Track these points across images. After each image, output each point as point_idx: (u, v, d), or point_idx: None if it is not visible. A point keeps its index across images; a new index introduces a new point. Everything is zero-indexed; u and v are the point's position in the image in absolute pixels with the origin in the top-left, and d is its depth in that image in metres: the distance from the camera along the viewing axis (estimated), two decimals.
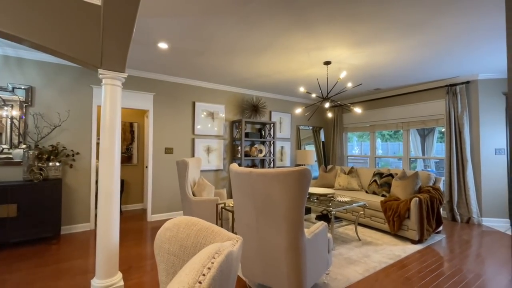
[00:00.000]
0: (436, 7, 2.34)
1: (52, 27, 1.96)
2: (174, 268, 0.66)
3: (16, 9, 1.86)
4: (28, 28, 1.88)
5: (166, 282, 0.66)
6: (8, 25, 1.82)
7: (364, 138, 7.40)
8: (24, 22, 1.87)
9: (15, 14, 1.84)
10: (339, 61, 3.73)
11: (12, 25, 1.83)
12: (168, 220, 0.72)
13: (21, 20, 1.86)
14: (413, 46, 3.20)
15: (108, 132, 2.25)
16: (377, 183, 4.32)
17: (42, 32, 1.93)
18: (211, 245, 0.48)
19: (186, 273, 0.34)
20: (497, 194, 4.25)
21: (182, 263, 0.66)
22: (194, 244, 0.65)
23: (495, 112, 4.30)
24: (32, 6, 1.90)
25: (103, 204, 2.22)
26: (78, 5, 2.09)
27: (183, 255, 0.65)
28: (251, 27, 2.77)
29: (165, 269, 0.67)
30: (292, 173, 1.79)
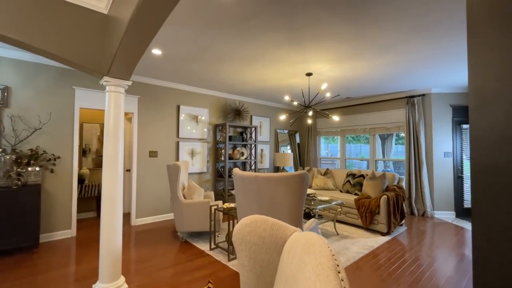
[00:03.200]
0: (405, 35, 2.81)
1: (59, 34, 1.98)
2: (255, 254, 0.86)
3: (27, 17, 1.85)
4: (36, 35, 1.88)
5: (248, 265, 0.86)
6: (20, 33, 1.81)
7: (330, 140, 7.99)
8: (33, 29, 1.87)
9: (23, 21, 1.84)
10: (319, 73, 4.12)
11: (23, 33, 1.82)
12: (243, 218, 0.92)
13: (30, 27, 1.86)
14: (383, 64, 3.70)
15: (112, 138, 2.30)
16: (350, 183, 4.81)
17: (48, 38, 1.94)
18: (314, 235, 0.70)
19: (317, 258, 0.56)
20: (446, 191, 5.01)
21: (261, 250, 0.86)
22: (270, 235, 0.86)
23: (444, 121, 5.07)
24: (42, 15, 1.91)
25: (107, 209, 2.26)
26: (86, 14, 2.12)
27: (262, 244, 0.85)
28: (246, 40, 2.98)
29: (247, 256, 0.86)
30: (295, 177, 2.05)
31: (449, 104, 5.09)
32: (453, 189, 5.02)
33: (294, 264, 0.60)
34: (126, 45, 1.86)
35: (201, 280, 2.51)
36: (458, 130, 5.07)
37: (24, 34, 1.84)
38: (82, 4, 2.11)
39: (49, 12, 1.95)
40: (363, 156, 7.24)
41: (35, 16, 1.89)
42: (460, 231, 4.18)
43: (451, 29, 2.67)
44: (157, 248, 3.33)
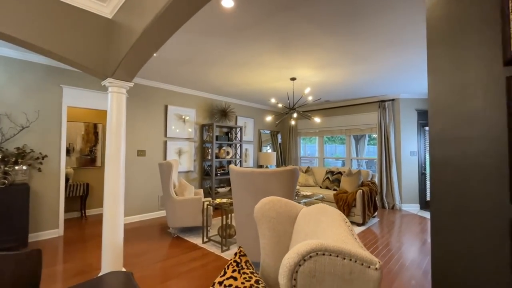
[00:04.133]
0: (378, 48, 3.21)
1: (65, 36, 2.09)
2: (274, 226, 1.10)
3: (36, 20, 1.94)
4: (44, 37, 1.98)
5: (269, 235, 1.10)
6: (30, 35, 1.90)
7: (307, 141, 8.45)
8: (42, 32, 1.96)
9: (36, 25, 1.93)
10: (303, 78, 4.46)
11: (32, 35, 1.91)
12: (263, 199, 1.16)
13: (39, 30, 1.95)
14: (360, 71, 4.13)
15: (115, 137, 2.42)
16: (329, 180, 5.22)
17: (55, 40, 2.03)
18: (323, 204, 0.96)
19: (330, 216, 0.82)
20: (411, 186, 5.61)
21: (278, 222, 1.10)
22: (285, 210, 1.11)
23: (410, 124, 5.67)
24: (49, 18, 2.01)
25: (110, 205, 2.38)
26: (91, 18, 2.24)
27: (279, 217, 1.10)
28: (238, 47, 3.22)
29: (267, 227, 1.10)
30: (286, 172, 2.33)
31: (415, 108, 5.70)
32: (418, 184, 5.63)
33: (312, 223, 0.86)
34: (136, 51, 2.01)
35: (198, 270, 2.70)
36: (422, 131, 5.70)
37: (33, 36, 1.93)
38: (87, 9, 2.22)
39: (56, 15, 2.05)
40: (338, 156, 7.77)
41: (43, 19, 1.98)
42: (423, 220, 4.74)
43: (417, 44, 3.11)
44: (150, 243, 3.44)
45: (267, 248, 1.11)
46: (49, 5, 2.02)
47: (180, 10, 1.57)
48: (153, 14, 1.66)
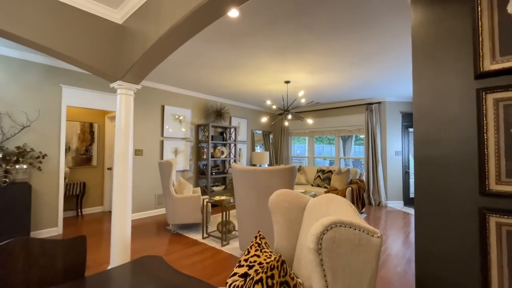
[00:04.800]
0: (367, 56, 3.48)
1: (78, 40, 2.20)
2: (286, 214, 1.29)
3: (56, 27, 2.04)
4: (61, 43, 2.08)
5: (282, 222, 1.28)
6: (50, 41, 2.00)
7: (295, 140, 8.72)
8: (60, 37, 2.07)
9: (55, 31, 2.03)
10: (296, 81, 4.69)
11: (53, 41, 2.01)
12: (276, 191, 1.34)
13: (58, 36, 2.06)
14: (349, 76, 4.40)
15: (124, 136, 2.54)
16: (320, 178, 5.48)
17: (70, 45, 2.14)
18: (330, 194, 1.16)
19: (343, 211, 1.02)
20: (396, 184, 5.97)
21: (290, 211, 1.29)
22: (296, 201, 1.30)
23: (395, 125, 6.03)
24: (65, 24, 2.11)
25: (119, 201, 2.50)
26: (102, 23, 2.35)
27: (291, 206, 1.29)
28: (237, 52, 3.39)
29: (281, 215, 1.29)
30: (286, 169, 2.53)
31: (399, 111, 6.07)
32: (402, 182, 6.00)
33: (323, 208, 1.06)
34: (149, 57, 2.15)
35: (202, 262, 2.86)
36: (406, 133, 6.07)
37: (52, 41, 2.03)
38: (99, 15, 2.33)
39: (71, 21, 2.15)
40: (326, 155, 8.08)
41: (61, 25, 2.09)
42: (407, 216, 5.09)
43: (401, 54, 3.40)
44: (151, 240, 3.55)
45: (280, 233, 1.29)
46: (65, 11, 2.12)
47: (197, 21, 1.73)
48: (170, 24, 1.81)
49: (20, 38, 1.91)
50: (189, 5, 1.64)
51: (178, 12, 1.74)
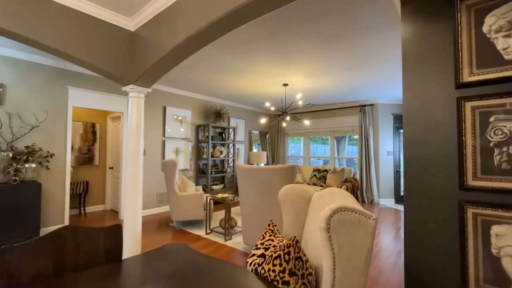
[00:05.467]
0: (361, 61, 3.71)
1: (94, 46, 2.35)
2: (294, 205, 1.48)
3: (74, 34, 2.20)
4: (79, 49, 2.24)
5: (291, 212, 1.48)
6: (70, 48, 2.15)
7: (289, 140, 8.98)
8: (78, 44, 2.22)
9: (73, 38, 2.18)
10: (294, 84, 4.90)
11: (66, 46, 2.16)
12: (285, 186, 1.54)
13: (76, 42, 2.21)
14: (344, 80, 4.63)
15: (135, 137, 2.70)
16: (316, 177, 5.72)
17: (87, 50, 2.30)
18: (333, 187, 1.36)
19: (345, 200, 1.22)
20: (388, 182, 6.26)
21: (297, 202, 1.49)
22: (302, 194, 1.50)
23: (387, 126, 6.31)
24: (82, 31, 2.26)
25: (131, 197, 2.66)
26: (116, 30, 2.51)
27: (298, 199, 1.48)
28: (240, 57, 3.57)
29: (290, 206, 1.48)
30: (287, 168, 2.74)
31: (391, 112, 6.36)
32: (393, 181, 6.29)
33: (327, 199, 1.26)
34: (161, 64, 2.32)
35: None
36: (397, 133, 6.37)
37: (71, 47, 2.18)
38: (114, 23, 2.49)
39: (88, 28, 2.31)
40: (319, 155, 8.34)
41: (79, 32, 2.24)
42: (397, 212, 5.37)
43: (392, 60, 3.65)
44: (156, 236, 3.71)
45: (289, 222, 1.49)
46: (84, 20, 2.27)
47: (211, 33, 1.91)
48: (185, 36, 1.99)
49: (48, 47, 2.05)
50: (204, 20, 1.83)
51: (193, 25, 1.92)
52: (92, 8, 2.30)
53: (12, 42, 3.15)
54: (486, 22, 1.70)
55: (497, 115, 1.64)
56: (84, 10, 2.27)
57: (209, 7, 1.79)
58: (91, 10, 2.30)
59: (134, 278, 1.09)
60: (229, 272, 1.11)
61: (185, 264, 1.21)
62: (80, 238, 1.22)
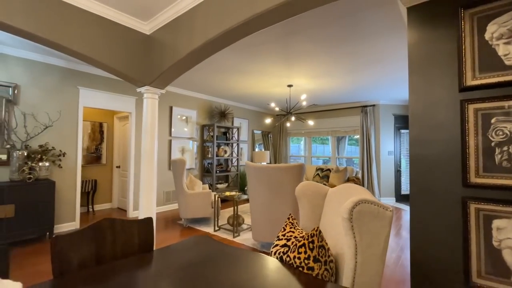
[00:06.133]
0: (364, 64, 3.83)
1: (112, 49, 2.45)
2: (310, 200, 1.59)
3: (96, 39, 2.29)
4: (101, 54, 2.33)
5: (307, 207, 1.59)
6: (90, 51, 2.25)
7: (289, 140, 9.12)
8: (98, 48, 2.32)
9: (95, 42, 2.28)
10: (298, 85, 5.01)
11: (91, 50, 2.26)
12: (302, 182, 1.65)
13: (96, 46, 2.31)
14: (347, 81, 4.75)
15: (150, 136, 2.80)
16: (319, 176, 5.83)
17: (105, 53, 2.39)
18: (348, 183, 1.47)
19: (355, 188, 1.33)
20: (389, 181, 6.39)
21: (313, 198, 1.60)
22: (317, 190, 1.60)
23: (388, 127, 6.44)
24: (102, 34, 2.36)
25: (146, 194, 2.76)
26: (132, 34, 2.61)
27: (314, 194, 1.59)
28: (247, 59, 3.68)
29: (306, 201, 1.59)
30: (296, 167, 2.84)
31: (392, 113, 6.48)
32: (394, 180, 6.42)
33: (343, 194, 1.37)
34: (178, 66, 2.42)
35: None
36: (398, 134, 6.50)
37: (93, 51, 2.28)
38: (131, 26, 2.58)
39: (107, 33, 2.40)
40: (319, 155, 8.47)
41: (100, 37, 2.33)
42: (399, 211, 5.50)
43: (394, 62, 3.77)
44: (166, 232, 3.81)
45: (306, 216, 1.60)
46: (102, 24, 2.36)
47: (229, 38, 2.02)
48: (203, 41, 2.09)
49: (70, 50, 2.15)
50: (222, 26, 1.93)
51: (211, 30, 2.02)
52: (112, 13, 2.40)
53: (25, 43, 3.23)
54: (488, 30, 1.82)
55: (498, 116, 1.76)
56: (104, 15, 2.36)
57: (227, 14, 1.90)
58: (110, 15, 2.40)
59: (169, 266, 1.20)
60: (256, 260, 1.22)
61: (214, 253, 1.32)
62: (117, 230, 1.33)
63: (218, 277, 1.04)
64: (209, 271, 1.10)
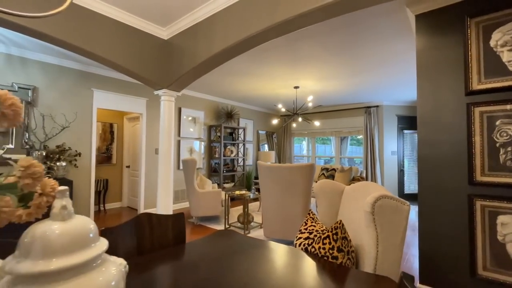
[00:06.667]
0: (370, 66, 3.95)
1: (133, 54, 2.57)
2: (328, 197, 1.71)
3: (118, 44, 2.41)
4: (124, 59, 2.45)
5: (325, 203, 1.71)
6: (113, 56, 2.37)
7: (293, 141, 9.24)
8: (120, 53, 2.44)
9: (116, 48, 2.40)
10: (305, 86, 5.13)
11: (113, 55, 2.38)
12: (320, 181, 1.76)
13: (118, 51, 2.42)
14: (352, 83, 4.87)
15: (167, 136, 2.92)
16: (324, 175, 5.95)
17: (129, 59, 2.51)
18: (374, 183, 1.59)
19: (373, 186, 1.45)
20: (392, 180, 6.50)
21: (331, 195, 1.71)
22: (334, 187, 1.72)
23: (391, 127, 6.56)
24: (123, 41, 2.48)
25: (163, 193, 2.88)
26: (151, 39, 2.73)
27: (331, 191, 1.71)
28: (256, 62, 3.80)
29: (324, 198, 1.71)
30: (307, 166, 2.96)
31: (395, 114, 6.60)
32: (397, 179, 6.54)
33: (360, 191, 1.49)
34: (197, 70, 2.54)
35: None
36: (401, 134, 6.61)
37: (115, 56, 2.40)
38: (150, 32, 2.70)
39: (128, 38, 2.52)
40: (320, 155, 8.59)
41: (122, 43, 2.45)
42: None
43: (398, 65, 3.89)
44: None
45: (323, 212, 1.72)
46: (123, 30, 2.48)
47: (248, 45, 2.14)
48: (222, 47, 2.21)
49: (95, 55, 2.27)
50: (242, 34, 2.05)
51: (231, 37, 2.14)
52: (134, 20, 2.52)
53: (43, 46, 3.34)
54: (493, 37, 1.94)
55: (502, 119, 1.89)
56: (127, 22, 2.48)
57: (248, 23, 2.01)
58: (132, 22, 2.52)
59: (203, 256, 1.31)
60: (284, 250, 1.34)
61: (242, 245, 1.44)
62: (154, 224, 1.44)
63: (252, 265, 1.15)
64: (242, 260, 1.21)
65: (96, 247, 0.54)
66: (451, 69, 2.11)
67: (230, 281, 1.00)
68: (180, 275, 1.09)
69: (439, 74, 2.16)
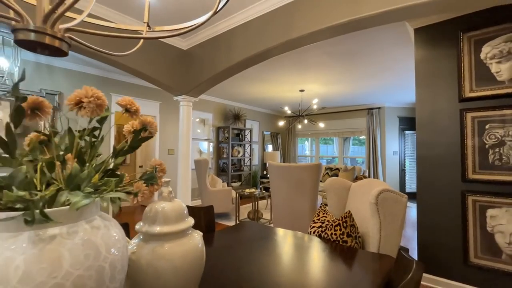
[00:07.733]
0: (372, 71, 4.19)
1: (156, 63, 2.82)
2: (337, 192, 1.95)
3: (143, 54, 2.66)
4: (148, 68, 2.71)
5: (334, 198, 1.95)
6: (139, 66, 2.62)
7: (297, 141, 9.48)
8: (146, 64, 2.69)
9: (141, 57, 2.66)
10: (310, 90, 5.37)
11: (140, 65, 2.63)
12: (329, 178, 2.01)
13: (143, 62, 2.68)
14: (355, 86, 5.11)
15: (185, 138, 3.17)
16: (329, 175, 6.19)
17: (153, 68, 2.77)
18: (378, 180, 1.83)
19: (377, 182, 1.69)
20: (394, 180, 6.72)
21: (339, 190, 1.95)
22: (342, 184, 1.96)
23: (393, 128, 6.78)
24: (150, 53, 2.74)
25: (183, 191, 3.13)
26: (171, 49, 2.98)
27: (340, 187, 1.95)
28: (265, 68, 4.04)
29: (333, 193, 1.95)
30: (315, 166, 3.21)
31: (397, 115, 6.83)
32: (399, 178, 6.76)
33: (366, 187, 1.73)
34: (215, 78, 2.79)
35: None
36: (402, 135, 6.84)
37: (141, 66, 2.65)
38: (170, 43, 2.96)
39: (152, 49, 2.77)
40: (322, 155, 8.82)
41: (147, 54, 2.71)
42: None
43: (398, 71, 4.12)
44: None
45: (333, 206, 1.97)
46: (151, 42, 2.74)
47: (266, 56, 2.38)
48: (241, 58, 2.46)
49: (126, 67, 2.53)
50: (261, 46, 2.30)
51: (250, 49, 2.38)
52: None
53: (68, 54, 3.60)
54: (483, 51, 2.18)
55: (491, 123, 2.12)
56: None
57: (266, 37, 2.26)
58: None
59: (235, 241, 1.56)
60: (300, 236, 1.58)
61: (266, 232, 1.68)
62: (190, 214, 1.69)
63: (278, 247, 1.40)
64: (268, 243, 1.46)
65: (189, 220, 0.80)
66: (446, 78, 2.35)
67: (262, 258, 1.25)
68: (220, 255, 1.34)
69: (435, 82, 2.40)
